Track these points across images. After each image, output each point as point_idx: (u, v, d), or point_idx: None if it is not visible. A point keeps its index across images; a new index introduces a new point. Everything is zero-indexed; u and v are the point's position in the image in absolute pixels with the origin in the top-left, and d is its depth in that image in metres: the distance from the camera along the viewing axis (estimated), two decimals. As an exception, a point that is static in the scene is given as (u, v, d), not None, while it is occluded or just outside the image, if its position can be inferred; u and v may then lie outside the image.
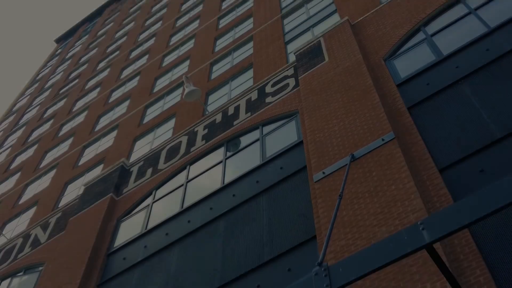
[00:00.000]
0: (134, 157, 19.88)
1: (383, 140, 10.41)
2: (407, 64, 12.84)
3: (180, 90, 23.01)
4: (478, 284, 7.18)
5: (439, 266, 5.34)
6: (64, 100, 34.65)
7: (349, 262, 5.55)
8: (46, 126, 32.04)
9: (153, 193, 15.98)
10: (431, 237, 5.02)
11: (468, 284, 7.27)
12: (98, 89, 32.14)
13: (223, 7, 29.36)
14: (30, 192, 23.80)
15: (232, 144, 15.41)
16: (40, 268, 16.18)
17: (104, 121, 26.31)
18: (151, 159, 17.79)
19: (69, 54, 47.46)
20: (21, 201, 23.50)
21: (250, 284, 10.39)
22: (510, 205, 4.77)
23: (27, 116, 37.44)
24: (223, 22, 27.27)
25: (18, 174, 27.24)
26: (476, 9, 12.88)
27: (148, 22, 39.28)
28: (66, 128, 29.18)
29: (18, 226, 21.19)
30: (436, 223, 5.12)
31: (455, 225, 4.94)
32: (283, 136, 13.93)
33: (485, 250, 7.66)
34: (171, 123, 20.34)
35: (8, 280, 16.87)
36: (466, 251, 7.70)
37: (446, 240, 8.04)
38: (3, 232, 21.48)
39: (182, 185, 15.30)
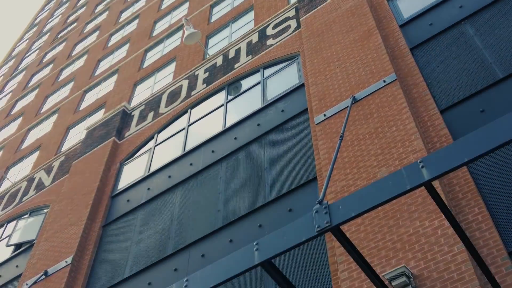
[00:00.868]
0: (135, 101, 19.86)
1: (384, 81, 10.37)
2: (411, 4, 12.63)
3: (180, 34, 22.73)
4: (476, 221, 7.32)
5: (437, 204, 5.42)
6: (63, 44, 34.29)
7: (349, 200, 5.63)
8: (46, 70, 31.85)
9: (155, 136, 16.05)
10: (430, 174, 5.07)
11: (466, 222, 7.41)
12: (96, 33, 31.75)
13: None
14: (33, 136, 23.91)
15: (233, 88, 15.36)
16: (45, 210, 16.46)
17: (104, 66, 26.13)
18: (152, 103, 17.78)
19: (67, -3, 46.64)
20: (24, 146, 23.64)
21: (252, 224, 10.59)
22: (509, 143, 4.81)
23: (26, 61, 37.16)
24: (223, -37, 26.65)
25: (20, 119, 27.29)
26: None
27: (146, -36, 38.40)
28: (66, 73, 29.02)
29: (21, 170, 21.40)
30: (436, 161, 5.17)
31: (454, 163, 4.98)
32: (284, 79, 13.87)
33: (483, 189, 7.77)
34: (172, 67, 20.20)
35: (13, 223, 17.19)
36: (465, 190, 7.81)
37: (445, 179, 8.14)
38: (7, 176, 21.71)
39: (184, 128, 15.35)
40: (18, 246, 15.84)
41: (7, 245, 15.77)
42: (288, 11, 16.29)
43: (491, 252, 6.86)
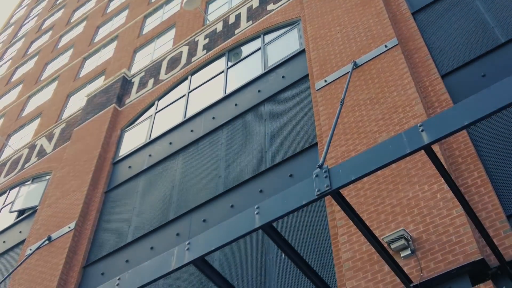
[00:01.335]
0: (135, 68, 19.76)
1: (386, 46, 10.31)
2: (413, -32, 12.45)
3: (179, -1, 22.49)
4: (475, 185, 7.37)
5: (437, 168, 5.45)
6: (62, 10, 33.94)
7: (349, 164, 5.67)
8: (45, 37, 31.60)
9: (156, 103, 16.04)
10: (430, 138, 5.09)
11: (465, 186, 7.47)
12: (95, -1, 31.41)
13: None
14: (33, 104, 23.88)
15: (233, 54, 15.27)
16: (48, 177, 16.56)
17: (103, 32, 25.91)
18: (152, 70, 17.71)
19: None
20: (24, 113, 23.63)
21: (253, 189, 10.66)
22: (509, 106, 4.81)
23: (25, 28, 36.84)
24: None
25: (20, 86, 27.21)
26: None
27: None
28: (65, 40, 28.80)
29: (23, 137, 21.44)
30: (435, 125, 5.18)
31: (454, 126, 5.00)
32: (285, 45, 13.78)
33: (483, 153, 7.80)
34: (171, 34, 20.04)
35: (16, 189, 17.32)
36: (464, 154, 7.84)
37: (445, 144, 8.17)
38: (9, 143, 21.78)
39: (184, 95, 15.33)
40: (21, 212, 15.99)
41: (10, 211, 15.91)
42: (289, -24, 16.08)
43: (489, 216, 6.93)
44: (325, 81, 10.81)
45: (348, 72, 10.44)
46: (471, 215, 5.85)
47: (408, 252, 6.97)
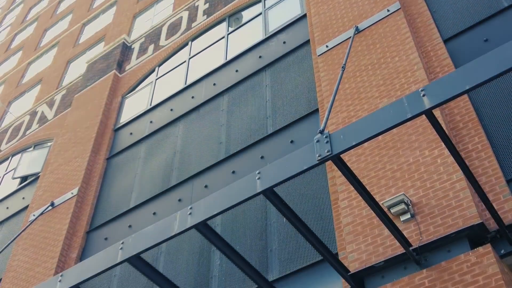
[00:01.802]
0: (134, 34, 19.59)
1: (388, 11, 10.21)
2: None
3: (179, -37, 22.15)
4: (476, 150, 7.40)
5: (438, 132, 5.47)
6: (60, -24, 33.48)
7: (350, 129, 5.69)
8: (44, 3, 31.25)
9: (156, 70, 15.97)
10: (431, 102, 5.10)
11: (466, 151, 7.49)
12: (94, -36, 30.94)
13: None
14: (33, 70, 23.77)
15: (234, 19, 15.13)
16: (49, 143, 16.60)
17: (102, -2, 25.62)
18: (152, 36, 17.57)
19: None
20: (24, 80, 23.55)
21: (254, 155, 10.70)
22: (510, 71, 4.80)
23: (23, -6, 36.40)
24: None
25: (20, 53, 27.05)
26: None
27: None
28: (64, 5, 28.49)
29: (24, 104, 21.42)
30: (437, 89, 5.18)
31: (455, 91, 5.00)
32: (286, 10, 13.64)
33: (484, 118, 7.81)
34: (171, -2, 19.81)
35: (18, 156, 17.39)
36: (465, 119, 7.84)
37: (447, 109, 8.17)
38: (10, 110, 21.77)
39: (185, 61, 15.25)
40: (23, 178, 16.09)
41: (13, 178, 16.01)
42: None
43: (489, 180, 6.97)
44: (327, 46, 10.74)
45: (350, 37, 10.36)
46: (471, 179, 5.89)
47: (408, 216, 7.04)
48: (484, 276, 5.96)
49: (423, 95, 5.22)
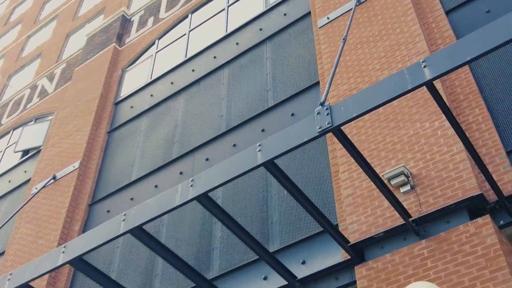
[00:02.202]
0: (134, 6, 19.41)
1: (389, -18, 10.10)
2: None
3: None
4: (476, 122, 7.41)
5: (438, 104, 5.47)
6: None
7: (350, 101, 5.69)
8: (42, -24, 30.90)
9: (156, 42, 15.88)
10: (432, 74, 5.09)
11: (467, 123, 7.50)
12: None
13: None
14: (33, 44, 23.65)
15: (234, -9, 14.98)
16: (50, 117, 16.61)
17: (101, -30, 25.33)
18: (152, 8, 17.43)
19: None
20: (24, 54, 23.44)
21: (254, 128, 10.72)
22: (511, 42, 4.79)
23: (21, -34, 35.98)
24: None
25: (19, 26, 26.87)
26: None
27: None
28: (62, -22, 28.18)
29: (24, 78, 21.36)
30: (438, 61, 5.17)
31: (456, 62, 4.99)
32: (286, -19, 13.49)
33: (485, 90, 7.80)
34: (171, -30, 19.59)
35: (19, 129, 17.41)
36: (466, 91, 7.83)
37: (448, 81, 8.15)
38: (10, 84, 21.72)
39: (185, 34, 15.16)
40: (25, 152, 16.14)
41: (15, 151, 16.06)
42: None
43: (489, 152, 7.00)
44: (328, 18, 10.67)
45: (351, 8, 10.28)
46: (471, 151, 5.91)
47: (408, 188, 7.08)
48: (483, 246, 6.02)
49: (424, 67, 5.21)
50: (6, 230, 13.69)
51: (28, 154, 15.93)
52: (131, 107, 14.34)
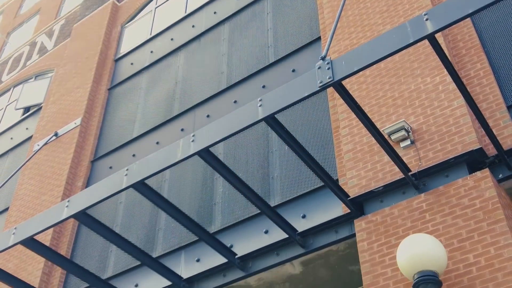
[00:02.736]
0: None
1: None
2: None
3: None
4: (478, 77, 7.39)
5: (440, 58, 5.46)
6: None
7: (352, 55, 5.67)
8: None
9: (156, -2, 15.68)
10: (435, 26, 5.06)
11: (468, 78, 7.48)
12: None
13: None
14: (31, 0, 23.34)
15: None
16: (50, 74, 16.55)
17: None
18: (151, -37, 17.13)
19: None
20: (23, 10, 23.16)
21: (255, 84, 10.70)
22: (516, -7, 4.74)
23: None
24: None
25: (16, -18, 26.45)
26: None
27: None
28: None
29: (23, 35, 21.17)
30: (440, 14, 5.13)
31: (458, 15, 4.95)
32: None
33: (487, 45, 7.75)
34: None
35: (20, 87, 17.37)
36: (468, 45, 7.78)
37: (450, 35, 8.09)
38: (9, 41, 21.55)
39: (185, -11, 14.94)
40: (26, 109, 16.15)
41: (16, 109, 16.07)
42: None
43: (490, 106, 7.01)
44: (329, -28, 10.50)
45: (353, -38, 10.10)
46: (471, 105, 5.93)
47: (408, 142, 7.12)
48: (481, 199, 6.10)
49: (426, 19, 5.17)
50: (10, 187, 13.83)
51: (29, 111, 15.94)
52: (131, 63, 14.27)
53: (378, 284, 6.30)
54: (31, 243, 7.50)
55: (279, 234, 8.00)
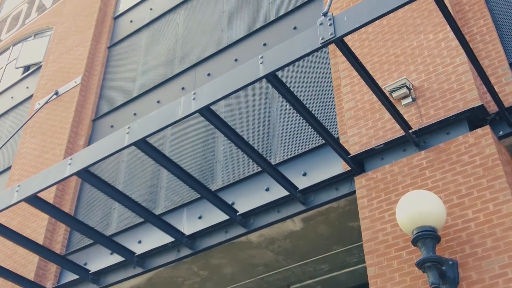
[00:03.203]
0: None
1: None
2: None
3: None
4: (481, 33, 7.31)
5: (443, 13, 5.40)
6: None
7: (354, 10, 5.60)
8: None
9: (154, -46, 15.38)
10: (438, -19, 4.99)
11: (471, 34, 7.41)
12: None
13: None
14: (27, -43, 22.92)
15: None
16: (49, 32, 16.39)
17: None
18: None
19: None
20: (19, -33, 22.77)
21: (256, 42, 10.61)
22: None
23: None
24: None
25: None
26: None
27: None
28: None
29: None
30: (444, -32, 5.05)
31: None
32: None
33: (491, 2, 7.64)
34: None
35: (19, 45, 17.22)
36: (472, 2, 7.67)
37: (453, -9, 7.98)
38: (7, -1, 21.26)
39: None
40: (26, 68, 16.07)
41: (16, 68, 15.99)
42: None
43: (492, 63, 6.96)
44: None
45: None
46: (474, 62, 5.90)
47: (409, 100, 7.11)
48: (481, 156, 6.13)
49: (430, -26, 5.09)
50: (12, 146, 13.88)
51: (29, 70, 15.86)
52: (131, 21, 14.12)
53: (377, 240, 6.40)
54: (34, 200, 7.58)
55: (280, 192, 8.08)
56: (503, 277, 5.39)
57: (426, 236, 5.56)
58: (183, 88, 11.30)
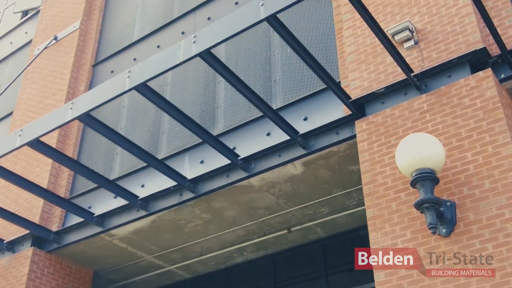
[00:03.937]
0: None
1: None
2: None
3: None
4: (485, -26, 7.18)
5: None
6: None
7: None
8: None
9: None
10: None
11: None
12: None
13: None
14: None
15: None
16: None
17: None
18: None
19: None
20: None
21: (257, -15, 10.41)
22: None
23: None
24: None
25: None
26: None
27: None
28: None
29: None
30: None
31: None
32: None
33: None
34: None
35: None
36: None
37: None
38: None
39: None
40: (24, 13, 15.85)
41: (14, 12, 15.78)
42: None
43: (496, 5, 6.84)
44: None
45: None
46: (477, 3, 5.82)
47: (412, 43, 7.05)
48: (482, 99, 6.13)
49: None
50: (13, 91, 13.86)
51: (28, 15, 15.65)
52: (129, -35, 13.82)
53: (377, 182, 6.48)
54: (37, 144, 7.64)
55: (281, 136, 8.12)
56: (500, 218, 5.49)
57: (425, 178, 5.63)
58: (183, 33, 11.18)
